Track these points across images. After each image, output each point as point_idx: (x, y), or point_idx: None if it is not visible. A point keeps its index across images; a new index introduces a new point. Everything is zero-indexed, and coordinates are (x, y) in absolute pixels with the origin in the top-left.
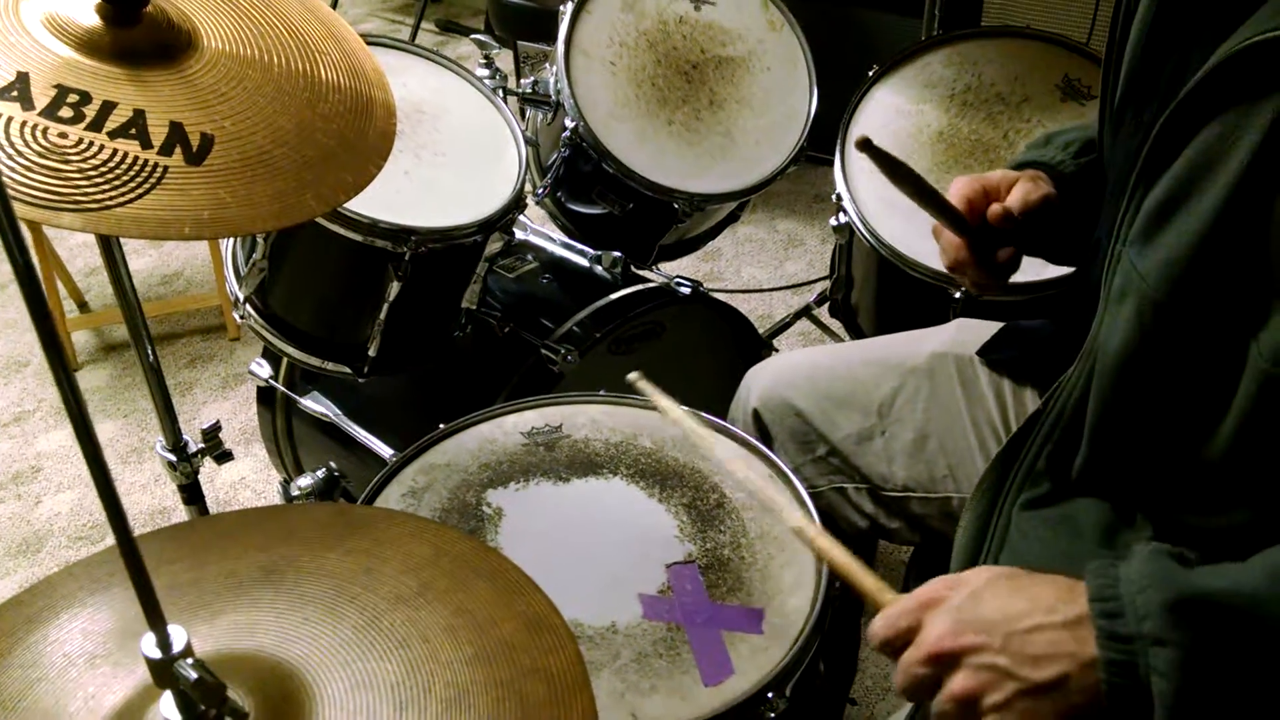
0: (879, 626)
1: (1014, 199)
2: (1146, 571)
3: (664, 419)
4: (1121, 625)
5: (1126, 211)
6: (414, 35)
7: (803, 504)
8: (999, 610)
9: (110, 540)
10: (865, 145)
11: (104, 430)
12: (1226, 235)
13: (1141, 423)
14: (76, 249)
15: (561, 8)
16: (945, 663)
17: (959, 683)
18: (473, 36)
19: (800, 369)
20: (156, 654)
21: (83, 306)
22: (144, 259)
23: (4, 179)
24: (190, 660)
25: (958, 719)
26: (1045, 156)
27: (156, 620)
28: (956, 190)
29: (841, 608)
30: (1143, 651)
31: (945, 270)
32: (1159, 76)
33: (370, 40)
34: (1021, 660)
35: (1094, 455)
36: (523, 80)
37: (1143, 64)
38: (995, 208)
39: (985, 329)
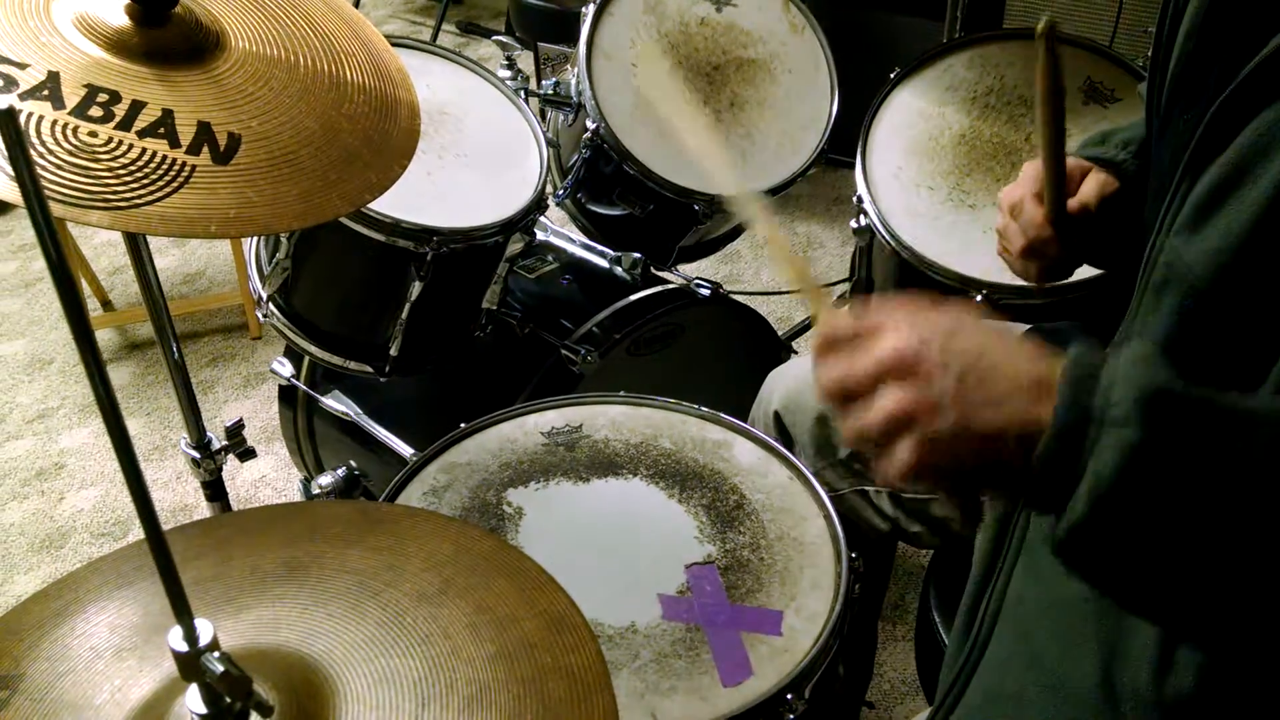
0: (837, 320)
1: (1090, 191)
2: (1132, 357)
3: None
4: (1087, 397)
5: (1172, 203)
6: (435, 36)
7: (822, 505)
8: (972, 344)
9: (133, 536)
10: (1049, 33)
11: (127, 428)
12: (1276, 224)
13: None
14: (100, 248)
15: (583, 10)
16: (892, 373)
17: (896, 399)
18: (495, 38)
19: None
20: (184, 647)
21: (106, 305)
22: (167, 258)
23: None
24: (217, 654)
25: (876, 438)
26: (1108, 154)
27: (184, 614)
28: (1028, 174)
29: (860, 611)
30: (1099, 426)
31: (1007, 252)
32: (1208, 76)
33: (394, 41)
34: (972, 399)
35: None
36: (544, 82)
37: (1191, 64)
38: (1074, 201)
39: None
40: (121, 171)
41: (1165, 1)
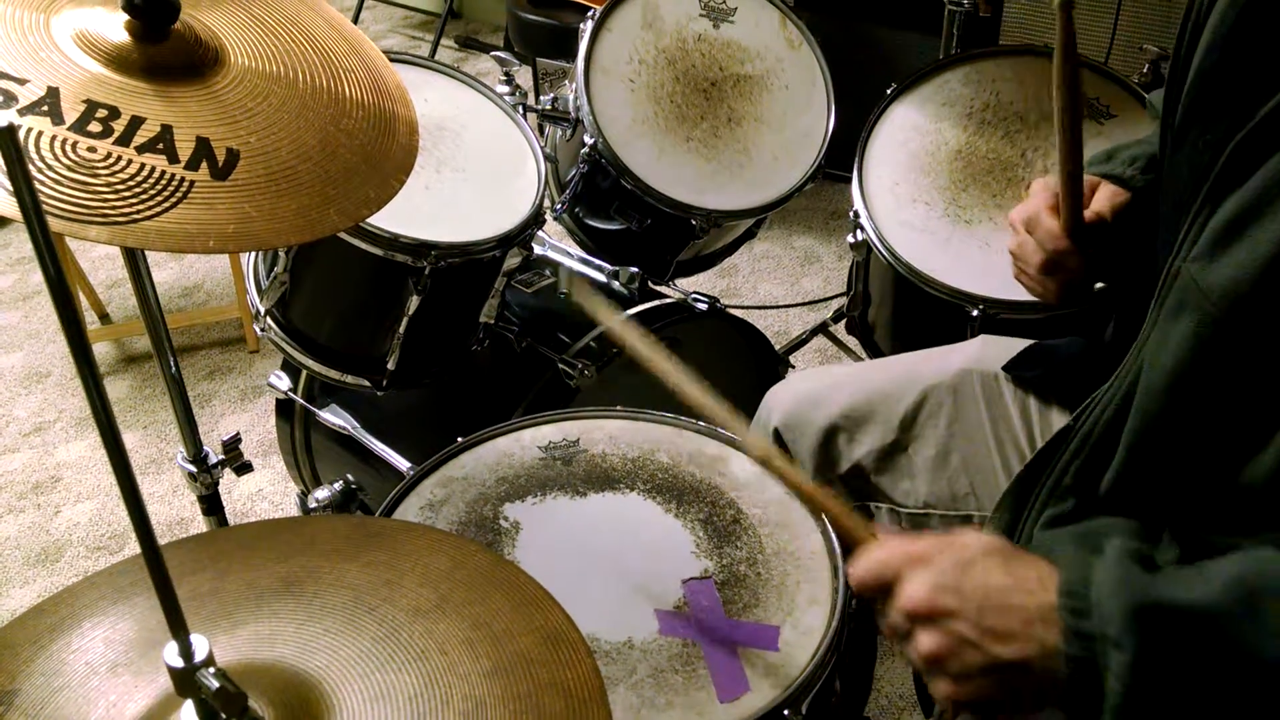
0: (862, 569)
1: (1103, 202)
2: (1113, 575)
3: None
4: (1086, 624)
5: (1191, 228)
6: (434, 51)
7: (820, 522)
8: (981, 582)
9: (129, 550)
10: (1066, 4)
11: (124, 441)
12: None
13: (1185, 441)
14: (98, 261)
15: (581, 25)
16: (919, 620)
17: (927, 642)
18: (493, 53)
19: (823, 387)
20: (179, 663)
21: (104, 318)
22: (165, 271)
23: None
24: (212, 669)
25: (923, 672)
26: (1114, 170)
27: (179, 629)
28: (1039, 190)
29: (857, 625)
30: (1102, 651)
31: (1024, 273)
32: (1229, 95)
33: (392, 56)
34: (990, 635)
35: (1127, 472)
36: (542, 97)
37: (1210, 82)
38: (1090, 211)
39: (1010, 345)
40: (120, 187)
41: (1185, 15)
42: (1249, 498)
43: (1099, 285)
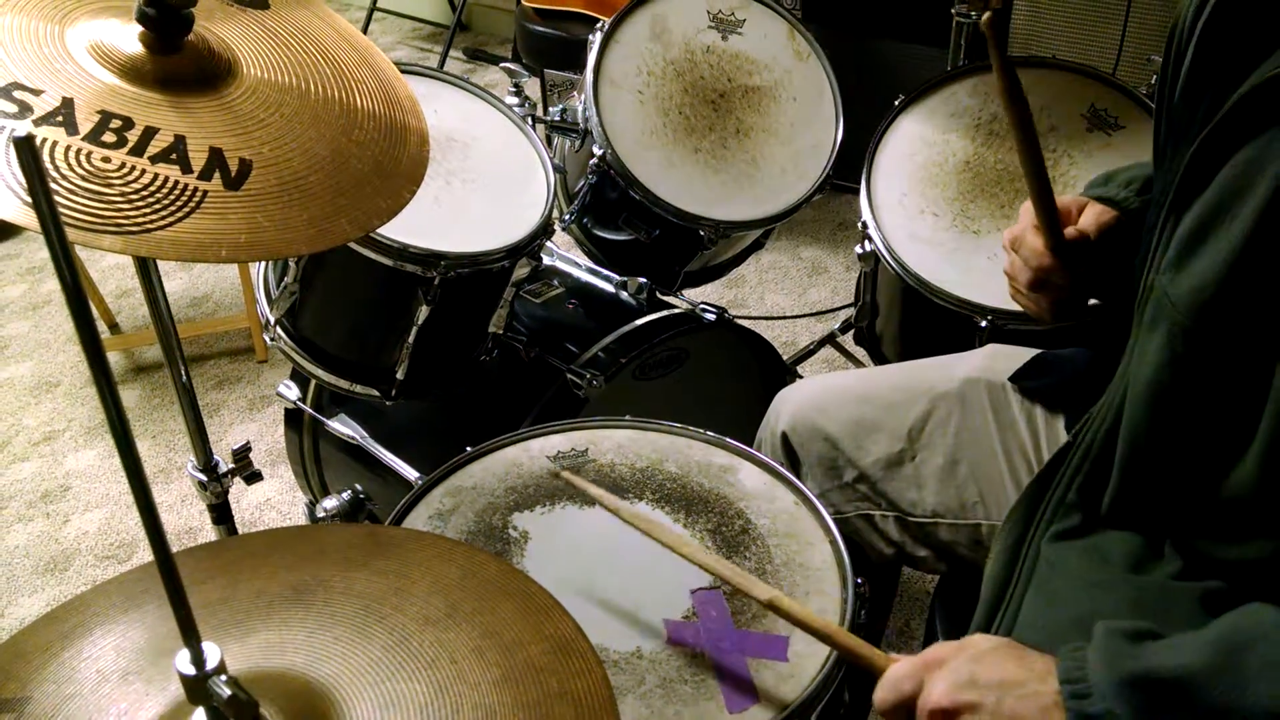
0: (884, 691)
1: (1088, 221)
2: (1102, 655)
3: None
4: (1089, 705)
5: (1160, 241)
6: (442, 63)
7: (828, 530)
8: (996, 673)
9: (138, 559)
10: (992, 23)
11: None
12: (1255, 260)
13: (1170, 453)
14: (108, 271)
15: (590, 37)
16: (943, 718)
17: None
18: (502, 65)
19: (831, 393)
20: (191, 670)
21: (114, 328)
22: (174, 281)
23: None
24: (224, 677)
25: None
26: (1109, 193)
27: (191, 637)
28: (1026, 211)
29: (865, 636)
30: None
31: (1018, 292)
32: (1196, 113)
33: (402, 68)
34: (1016, 719)
35: (1124, 487)
36: (551, 108)
37: (1183, 101)
38: (1071, 229)
39: (1018, 355)
40: (134, 196)
41: (1168, 42)
42: (1236, 506)
43: (1092, 301)
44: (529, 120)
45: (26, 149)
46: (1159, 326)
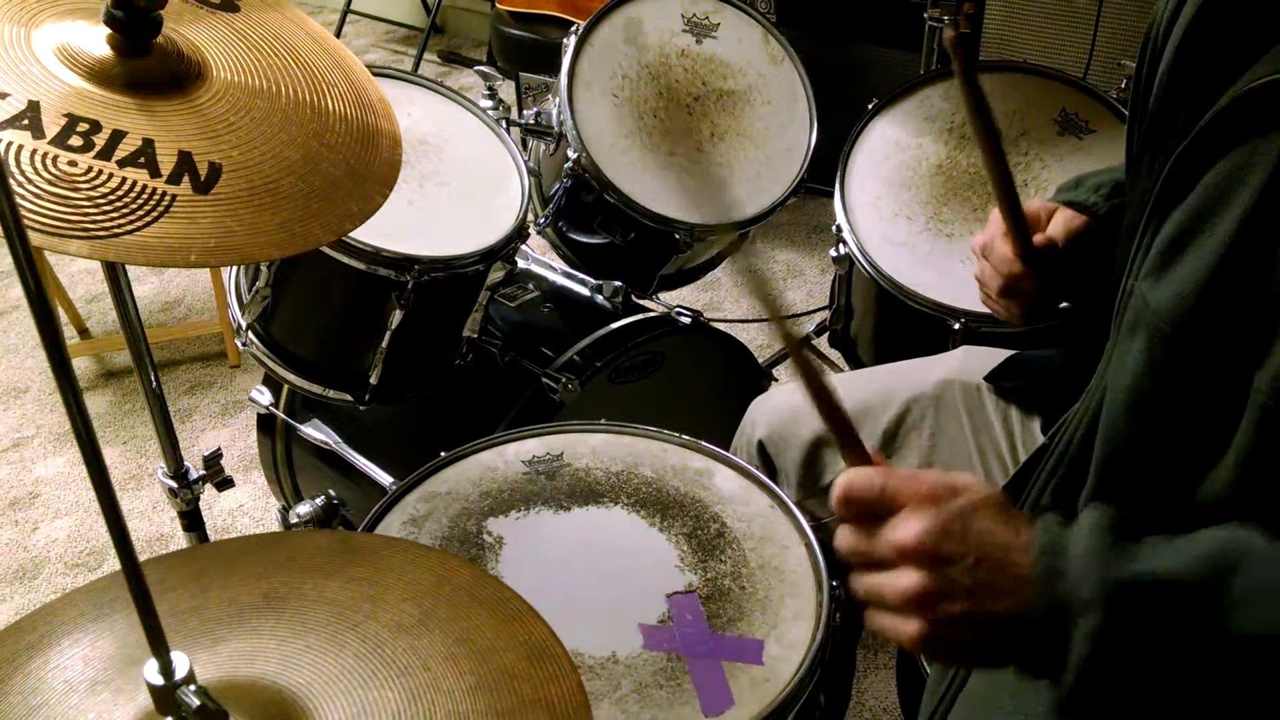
0: (859, 481)
1: (1056, 228)
2: (1090, 544)
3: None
4: (1060, 586)
5: (1139, 247)
6: (416, 66)
7: (804, 534)
8: (984, 533)
9: (108, 567)
10: (956, 41)
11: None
12: (1235, 268)
13: (1148, 458)
14: (77, 275)
15: (565, 40)
16: (912, 558)
17: (913, 580)
18: (476, 68)
19: (806, 400)
20: (159, 680)
21: (83, 333)
22: (145, 286)
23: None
24: (193, 687)
25: (892, 612)
26: (1078, 198)
27: (160, 646)
28: (996, 218)
29: (841, 640)
30: (1072, 615)
31: (989, 297)
32: (1177, 118)
33: (375, 71)
34: (983, 587)
35: (1100, 491)
36: (525, 111)
37: (1161, 108)
38: (1040, 236)
39: (992, 356)
40: (101, 201)
41: (1144, 44)
42: (1211, 512)
43: (1064, 305)
44: (503, 123)
45: None
46: (1138, 332)
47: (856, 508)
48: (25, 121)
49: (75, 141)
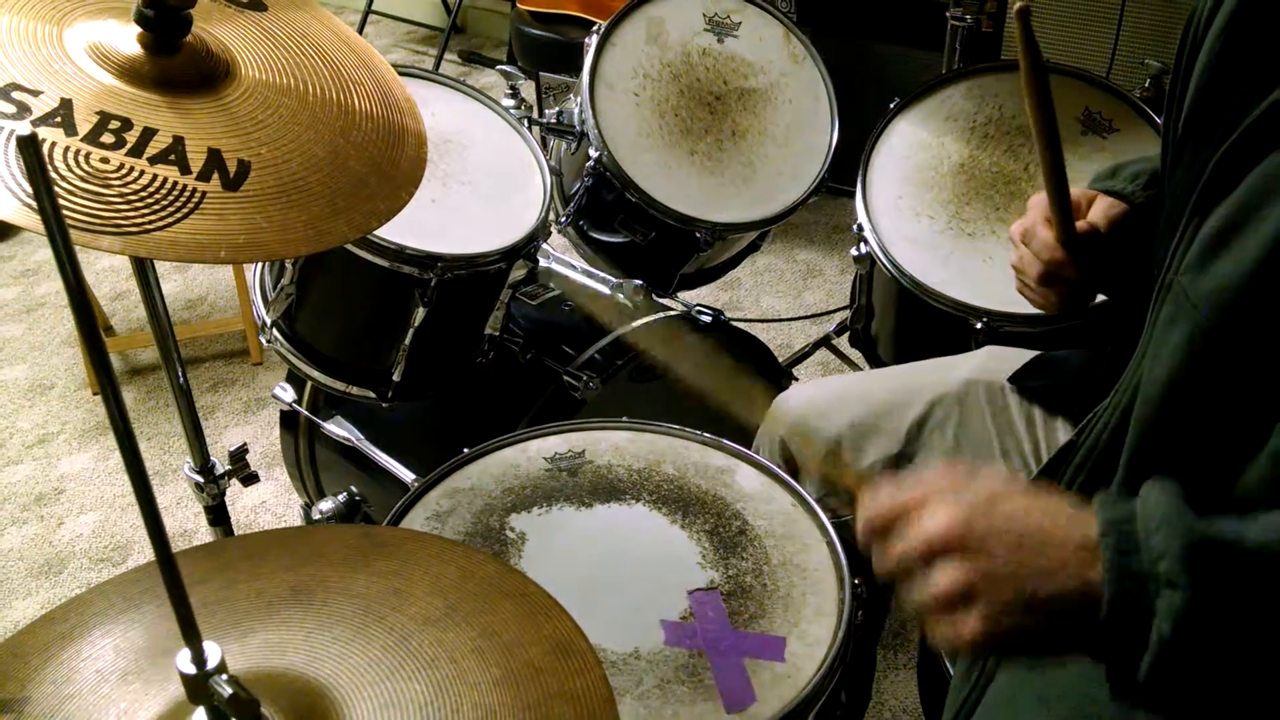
0: (879, 499)
1: (1097, 214)
2: (1163, 512)
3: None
4: (1135, 562)
5: (1181, 240)
6: (437, 66)
7: (825, 531)
8: (1016, 514)
9: (132, 562)
10: (1023, 13)
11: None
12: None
13: (1182, 453)
14: (103, 273)
15: (586, 40)
16: (944, 552)
17: (951, 576)
18: (499, 67)
19: (830, 396)
20: (192, 669)
21: (108, 331)
22: (169, 283)
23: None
24: (225, 676)
25: (945, 616)
26: (1115, 186)
27: (193, 636)
28: (1035, 205)
29: (862, 638)
30: (1154, 591)
31: (1025, 285)
32: (1222, 111)
33: (399, 70)
34: (1027, 569)
35: (1130, 486)
36: (547, 110)
37: (1206, 99)
38: (1082, 222)
39: (1017, 356)
40: (132, 197)
41: (1184, 34)
42: (1248, 507)
43: (1100, 298)
44: (525, 122)
45: (30, 149)
46: (1178, 325)
47: (881, 527)
48: (58, 119)
49: (107, 139)
